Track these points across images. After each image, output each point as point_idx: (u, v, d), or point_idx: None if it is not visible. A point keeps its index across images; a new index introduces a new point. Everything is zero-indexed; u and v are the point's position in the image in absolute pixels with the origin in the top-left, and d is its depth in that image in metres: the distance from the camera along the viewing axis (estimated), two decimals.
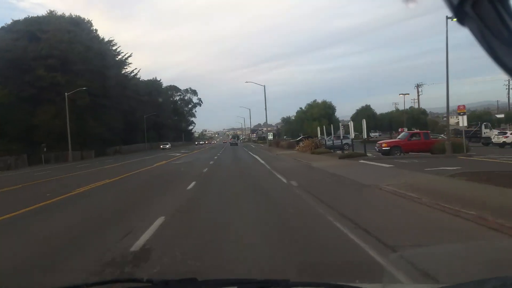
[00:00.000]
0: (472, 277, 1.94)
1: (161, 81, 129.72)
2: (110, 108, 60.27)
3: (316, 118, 50.31)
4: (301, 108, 56.85)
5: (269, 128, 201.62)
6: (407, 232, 5.82)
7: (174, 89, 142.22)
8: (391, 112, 65.34)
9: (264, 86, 48.99)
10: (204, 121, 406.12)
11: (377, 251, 4.64)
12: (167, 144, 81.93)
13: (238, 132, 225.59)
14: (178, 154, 42.10)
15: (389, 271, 3.48)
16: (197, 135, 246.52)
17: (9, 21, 53.26)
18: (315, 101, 54.23)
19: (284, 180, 14.00)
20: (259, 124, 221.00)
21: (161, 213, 8.13)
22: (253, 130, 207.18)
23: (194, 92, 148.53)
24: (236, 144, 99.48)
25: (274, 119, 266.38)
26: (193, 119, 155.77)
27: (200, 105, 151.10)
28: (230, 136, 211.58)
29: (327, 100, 55.10)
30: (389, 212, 7.75)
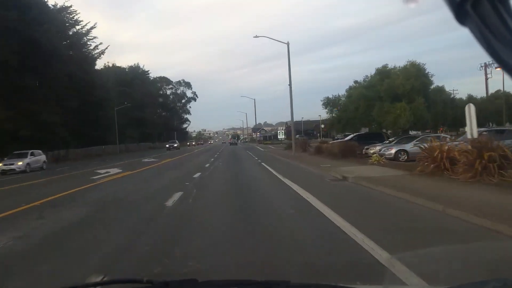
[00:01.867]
0: (472, 278, 1.68)
1: (148, 71, 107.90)
2: (43, 92, 38.34)
3: (404, 94, 25.27)
4: (356, 82, 31.50)
5: (267, 128, 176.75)
6: None
7: (164, 81, 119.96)
8: (469, 99, 43.28)
9: (288, 43, 26.84)
10: (204, 121, 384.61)
11: None
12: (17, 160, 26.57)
13: (239, 132, 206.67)
14: (110, 173, 19.78)
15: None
16: (194, 135, 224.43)
17: None
18: (385, 66, 28.24)
19: None
20: (260, 124, 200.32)
21: None
22: (254, 129, 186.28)
23: (188, 85, 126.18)
24: (236, 144, 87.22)
25: (274, 119, 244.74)
26: (187, 116, 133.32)
27: (195, 100, 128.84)
28: (230, 136, 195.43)
29: (418, 62, 27.64)
30: None
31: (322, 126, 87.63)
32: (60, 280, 4.13)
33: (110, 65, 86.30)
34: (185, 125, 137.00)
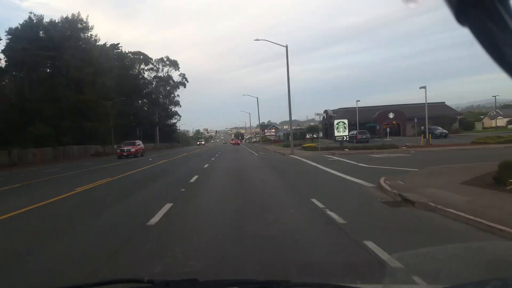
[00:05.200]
0: (473, 278, 1.66)
1: (119, 45, 72.30)
2: None
3: None
4: None
5: (283, 123, 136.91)
6: None
7: (140, 57, 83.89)
8: None
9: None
10: (205, 120, 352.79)
11: None
12: None
13: (242, 131, 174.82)
14: None
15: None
16: (191, 134, 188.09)
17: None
18: None
19: None
20: (263, 123, 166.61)
21: None
22: (262, 126, 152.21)
23: (174, 64, 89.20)
24: (238, 144, 77.16)
25: (277, 119, 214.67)
26: (176, 109, 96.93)
27: (184, 85, 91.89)
28: (233, 136, 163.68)
29: None
30: None
31: (391, 115, 51.17)
32: None
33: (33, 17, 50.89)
34: (173, 120, 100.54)
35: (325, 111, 55.01)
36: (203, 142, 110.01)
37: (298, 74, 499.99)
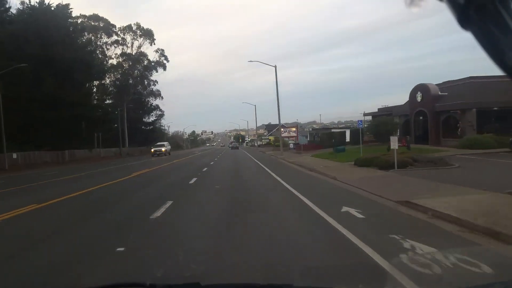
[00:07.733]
0: (475, 281, 1.64)
1: (69, 7, 46.52)
2: None
3: None
4: None
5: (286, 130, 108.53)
6: None
7: (97, 23, 57.43)
8: None
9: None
10: (206, 122, 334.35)
11: None
12: None
13: (243, 133, 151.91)
14: None
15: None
16: (185, 136, 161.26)
17: None
18: None
19: None
20: (264, 125, 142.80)
21: None
22: (268, 127, 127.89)
23: (148, 35, 61.75)
24: (237, 148, 71.64)
25: (277, 121, 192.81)
26: (157, 101, 69.96)
27: (164, 67, 65.32)
28: (232, 138, 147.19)
29: None
30: None
31: None
32: None
33: None
34: (154, 117, 73.81)
35: (418, 87, 28.27)
36: (163, 149, 50.61)
37: (302, 75, 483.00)
